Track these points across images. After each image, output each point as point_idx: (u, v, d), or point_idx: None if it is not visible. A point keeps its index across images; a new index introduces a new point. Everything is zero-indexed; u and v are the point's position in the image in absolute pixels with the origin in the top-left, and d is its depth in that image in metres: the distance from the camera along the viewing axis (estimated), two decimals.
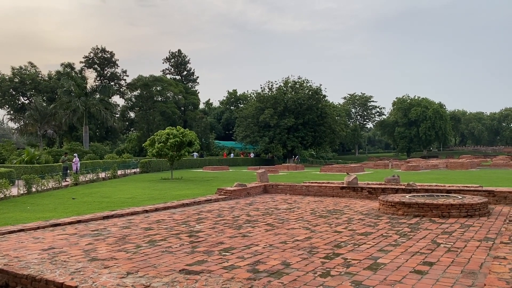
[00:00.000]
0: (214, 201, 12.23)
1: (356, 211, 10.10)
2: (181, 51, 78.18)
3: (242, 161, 58.42)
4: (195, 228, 7.85)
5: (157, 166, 37.71)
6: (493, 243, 6.20)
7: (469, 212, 8.81)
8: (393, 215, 9.22)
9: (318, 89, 65.25)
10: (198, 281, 4.33)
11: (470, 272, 4.74)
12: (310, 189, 14.17)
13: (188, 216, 9.49)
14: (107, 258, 5.53)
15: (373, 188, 13.05)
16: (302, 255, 5.65)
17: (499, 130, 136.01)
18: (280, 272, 4.81)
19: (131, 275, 4.60)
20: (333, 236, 6.95)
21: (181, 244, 6.41)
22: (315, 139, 64.41)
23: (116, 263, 5.22)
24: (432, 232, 7.23)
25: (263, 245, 6.27)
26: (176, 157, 28.05)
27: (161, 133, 27.78)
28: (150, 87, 65.30)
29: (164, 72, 77.86)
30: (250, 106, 65.44)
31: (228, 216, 9.43)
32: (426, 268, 4.92)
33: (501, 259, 4.24)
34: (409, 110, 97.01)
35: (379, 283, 4.37)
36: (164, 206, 10.70)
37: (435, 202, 9.10)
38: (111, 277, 4.48)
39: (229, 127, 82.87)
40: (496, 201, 10.98)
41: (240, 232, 7.43)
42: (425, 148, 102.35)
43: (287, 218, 9.06)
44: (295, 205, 11.30)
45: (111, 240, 6.76)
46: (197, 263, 5.22)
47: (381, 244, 6.28)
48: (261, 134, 61.70)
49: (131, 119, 72.46)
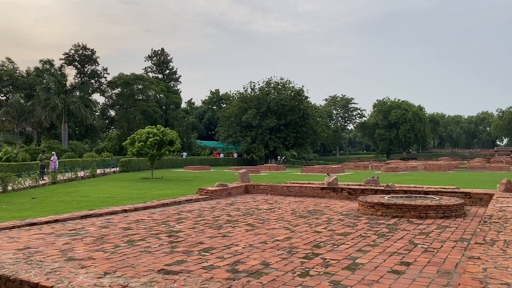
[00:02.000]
0: (194, 201, 12.17)
1: (336, 211, 10.18)
2: (163, 50, 77.59)
3: (224, 161, 58.27)
4: (175, 228, 7.80)
5: (137, 166, 37.31)
6: (468, 244, 6.33)
7: (446, 213, 8.98)
8: (372, 216, 9.33)
9: (300, 90, 65.55)
10: (177, 281, 4.29)
11: (445, 272, 4.83)
12: (291, 189, 14.23)
13: (168, 216, 9.42)
14: (84, 258, 5.45)
15: (353, 189, 13.18)
16: (281, 255, 5.67)
17: (476, 133, 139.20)
18: (259, 272, 4.82)
19: (108, 275, 4.54)
20: (312, 236, 6.99)
21: (160, 244, 6.36)
22: (297, 140, 64.67)
23: (93, 263, 5.15)
24: (410, 232, 7.34)
25: (243, 245, 6.27)
26: (157, 157, 27.79)
27: (141, 132, 27.50)
28: (131, 85, 64.56)
29: (146, 70, 77.12)
30: (233, 106, 65.30)
31: (209, 216, 9.39)
32: (403, 268, 5.00)
33: (475, 259, 4.33)
34: (389, 113, 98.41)
35: (357, 283, 4.42)
36: (144, 206, 10.60)
37: (413, 203, 9.24)
38: (88, 277, 4.41)
39: (211, 127, 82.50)
40: (472, 203, 11.22)
41: (220, 232, 7.41)
42: (405, 150, 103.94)
43: (268, 218, 9.08)
44: (276, 206, 11.33)
45: (89, 240, 6.66)
46: (176, 263, 5.19)
47: (360, 245, 6.35)
48: (244, 134, 61.62)
49: (111, 118, 71.53)
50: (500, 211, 7.92)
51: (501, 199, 9.98)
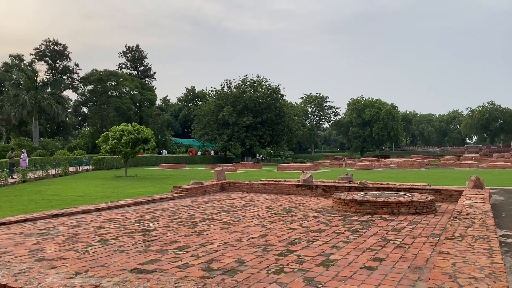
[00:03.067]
0: (169, 200, 12.06)
1: (311, 208, 10.27)
2: (138, 46, 76.57)
3: (200, 159, 57.95)
4: (149, 227, 7.71)
5: (111, 164, 36.71)
6: (439, 239, 6.49)
7: (418, 210, 9.19)
8: (346, 213, 9.46)
9: (276, 88, 65.79)
10: (150, 280, 4.25)
11: (416, 267, 4.94)
12: (267, 187, 14.28)
13: (142, 214, 9.30)
14: (55, 258, 5.33)
15: (328, 186, 13.33)
16: (256, 252, 5.68)
17: (447, 132, 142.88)
18: (234, 269, 4.81)
19: (80, 275, 4.45)
20: (287, 234, 7.03)
21: (134, 243, 6.27)
22: (273, 138, 64.92)
23: (64, 263, 5.03)
24: (383, 229, 7.47)
25: (218, 243, 6.25)
26: (131, 154, 27.40)
27: (115, 129, 27.03)
28: (104, 82, 63.41)
29: (120, 66, 75.90)
30: (209, 104, 65.00)
31: (184, 214, 9.33)
32: (376, 264, 5.08)
33: (445, 254, 4.44)
34: (363, 111, 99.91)
35: (330, 279, 4.47)
36: (117, 205, 10.43)
37: (385, 200, 9.41)
38: (59, 278, 4.31)
39: (187, 124, 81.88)
40: (442, 199, 11.51)
41: (195, 230, 7.37)
42: (378, 147, 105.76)
43: (243, 216, 9.08)
44: (252, 203, 11.34)
45: (60, 239, 6.51)
46: (150, 262, 5.13)
47: (334, 241, 6.42)
48: (220, 132, 61.42)
49: (84, 115, 70.12)
50: (469, 207, 8.15)
51: (470, 195, 10.27)
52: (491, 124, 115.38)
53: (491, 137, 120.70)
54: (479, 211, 7.58)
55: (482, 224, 6.24)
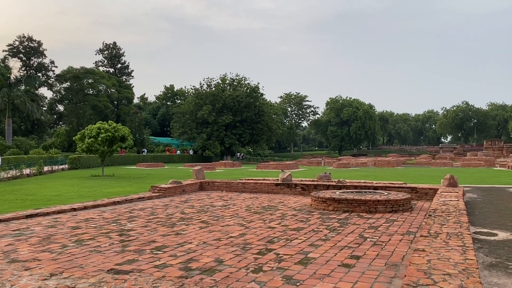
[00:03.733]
0: (147, 199, 11.93)
1: (290, 207, 10.32)
2: (115, 43, 75.52)
3: (179, 158, 57.53)
4: (126, 227, 7.61)
5: (87, 163, 36.09)
6: (414, 237, 6.61)
7: (394, 208, 9.34)
8: (324, 211, 9.54)
9: (256, 87, 65.81)
10: (127, 281, 4.20)
11: (393, 265, 5.02)
12: (246, 186, 14.28)
13: (119, 214, 9.18)
14: (28, 259, 5.20)
15: (306, 184, 13.42)
16: (235, 251, 5.67)
17: (422, 131, 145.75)
18: (213, 269, 4.80)
19: (54, 277, 4.36)
20: (266, 232, 7.04)
21: (110, 243, 6.18)
22: (252, 137, 64.93)
23: (38, 265, 4.92)
24: (360, 226, 7.57)
25: (197, 243, 6.22)
26: (108, 153, 26.99)
27: (92, 128, 26.57)
28: (81, 80, 62.27)
29: (97, 64, 74.68)
30: (188, 102, 64.51)
31: (162, 214, 9.24)
32: (353, 262, 5.14)
33: (421, 251, 4.52)
34: (341, 110, 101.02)
35: (309, 277, 4.50)
36: (94, 204, 10.26)
37: (363, 198, 9.53)
38: (32, 280, 4.22)
39: (165, 123, 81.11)
40: (418, 197, 11.73)
41: (173, 230, 7.31)
42: (356, 146, 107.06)
43: (222, 215, 9.06)
44: (231, 202, 11.32)
45: (34, 240, 6.36)
46: (127, 263, 5.06)
47: (312, 239, 6.47)
48: (199, 131, 61.05)
49: (59, 113, 68.72)
50: (443, 205, 8.33)
51: (444, 193, 10.50)
52: (465, 124, 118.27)
53: (465, 137, 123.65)
54: (453, 208, 7.76)
55: (456, 221, 6.38)
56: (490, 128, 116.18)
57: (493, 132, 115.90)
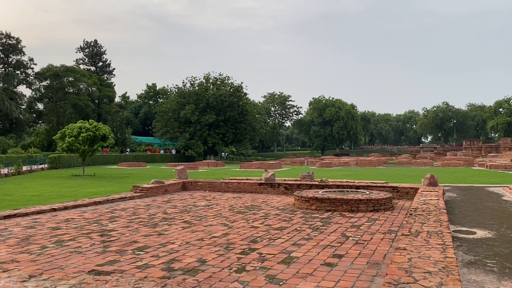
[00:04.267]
0: (129, 199, 11.80)
1: (273, 206, 10.34)
2: (96, 41, 74.46)
3: (161, 158, 57.08)
4: (107, 227, 7.51)
5: (68, 162, 35.55)
6: (396, 235, 6.70)
7: (376, 207, 9.44)
8: (307, 210, 9.59)
9: (239, 86, 65.74)
10: (109, 282, 4.14)
11: (374, 263, 5.07)
12: (229, 185, 14.25)
13: (101, 214, 9.06)
14: (7, 261, 5.09)
15: (289, 184, 13.46)
16: (218, 251, 5.65)
17: (403, 131, 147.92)
18: (195, 269, 4.77)
19: (33, 278, 4.28)
20: (249, 232, 7.04)
21: (91, 244, 6.10)
22: (235, 136, 64.85)
23: (17, 266, 4.82)
24: (342, 225, 7.63)
25: (179, 243, 6.18)
26: (89, 153, 26.61)
27: (72, 127, 26.15)
28: (61, 78, 61.23)
29: (78, 62, 73.60)
30: (171, 101, 64.02)
31: (144, 214, 9.16)
32: (335, 261, 5.18)
33: (402, 250, 4.58)
34: (324, 110, 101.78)
35: (292, 276, 4.51)
36: (74, 204, 10.10)
37: (345, 197, 9.61)
38: (11, 281, 4.13)
39: (147, 122, 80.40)
40: (399, 196, 11.88)
41: (155, 230, 7.24)
42: (338, 146, 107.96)
43: (205, 215, 9.02)
44: (214, 202, 11.29)
45: (12, 241, 6.23)
46: (108, 263, 5.00)
47: (295, 238, 6.49)
48: (182, 130, 60.66)
49: (39, 111, 67.40)
50: (424, 204, 8.46)
51: (425, 192, 10.66)
52: (445, 124, 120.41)
53: (445, 137, 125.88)
54: (434, 207, 7.88)
55: (436, 220, 6.49)
56: (469, 129, 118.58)
57: (472, 133, 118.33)
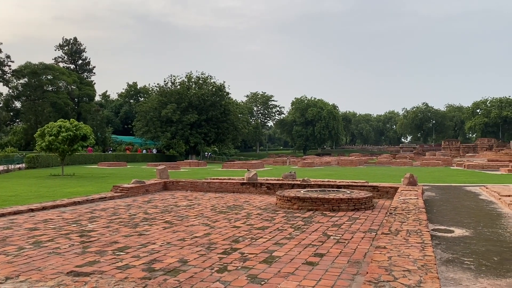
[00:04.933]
0: (109, 199, 11.65)
1: (255, 206, 10.35)
2: (76, 39, 73.28)
3: (142, 157, 56.50)
4: (87, 228, 7.40)
5: (46, 162, 34.89)
6: (376, 234, 6.78)
7: (356, 206, 9.54)
8: (289, 209, 9.62)
9: (221, 86, 65.55)
10: (88, 283, 4.08)
11: (355, 262, 5.12)
12: (211, 185, 14.20)
13: (80, 215, 8.92)
14: None
15: (272, 183, 13.49)
16: (200, 251, 5.63)
17: (384, 131, 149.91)
18: (177, 269, 4.74)
19: (10, 280, 4.18)
20: (231, 232, 7.03)
21: (70, 245, 6.00)
22: (218, 136, 64.63)
23: None
24: (324, 225, 7.68)
25: (160, 243, 6.13)
26: (68, 152, 26.16)
27: (52, 125, 25.65)
28: (39, 76, 60.07)
29: (57, 60, 72.27)
30: (152, 100, 63.41)
31: (124, 214, 9.05)
32: (317, 260, 5.21)
33: (382, 248, 4.64)
34: (306, 110, 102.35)
35: (273, 275, 4.52)
36: (53, 205, 9.92)
37: (326, 196, 9.68)
38: None
39: (128, 121, 79.50)
40: (379, 196, 12.03)
41: (136, 230, 7.17)
42: (320, 146, 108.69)
43: (187, 215, 8.97)
44: (196, 202, 11.23)
45: None
46: (88, 264, 4.92)
47: (277, 238, 6.51)
48: (163, 130, 60.13)
49: (16, 110, 65.96)
50: (403, 203, 8.59)
51: (404, 192, 10.82)
52: (424, 124, 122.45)
53: (424, 137, 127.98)
54: (413, 206, 8.01)
55: (416, 219, 6.59)
56: (448, 129, 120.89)
57: (450, 133, 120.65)
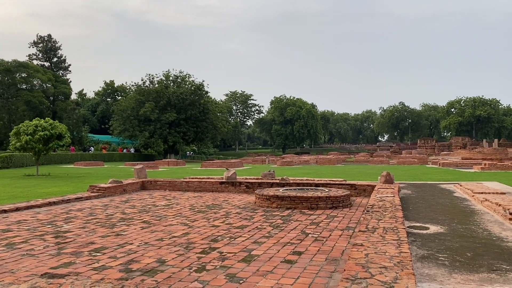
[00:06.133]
0: (85, 199, 11.45)
1: (234, 205, 10.34)
2: (51, 36, 71.60)
3: (119, 157, 55.70)
4: (62, 228, 7.25)
5: (20, 161, 34.05)
6: (353, 232, 6.86)
7: (334, 204, 9.63)
8: (268, 208, 9.65)
9: (200, 84, 65.13)
10: (63, 285, 4.00)
11: (333, 259, 5.17)
12: (190, 184, 14.11)
13: (55, 215, 8.74)
14: None
15: (251, 182, 13.50)
16: (178, 251, 5.59)
17: (361, 130, 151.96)
18: (154, 270, 4.69)
19: None
20: (210, 231, 7.00)
21: (45, 246, 5.87)
22: (197, 135, 64.22)
23: None
24: (302, 223, 7.73)
25: (138, 244, 6.06)
26: (43, 151, 25.58)
27: (28, 124, 25.02)
28: (13, 73, 58.46)
29: (31, 57, 70.49)
30: (129, 99, 62.50)
31: (101, 214, 8.91)
32: (295, 258, 5.24)
33: (359, 246, 4.70)
34: (285, 109, 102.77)
35: (252, 274, 4.53)
36: (27, 205, 9.69)
37: (305, 195, 9.75)
38: None
39: (105, 120, 78.17)
40: (357, 194, 12.18)
41: (113, 231, 7.07)
42: (299, 145, 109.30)
43: (165, 214, 8.89)
44: (174, 201, 11.14)
45: None
46: (63, 266, 4.83)
47: (256, 236, 6.52)
48: (141, 129, 59.37)
49: None
50: (380, 201, 8.71)
51: (381, 190, 10.98)
52: (401, 123, 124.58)
53: (400, 135, 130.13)
54: (390, 204, 8.13)
55: (392, 216, 6.70)
56: (423, 128, 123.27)
57: (426, 132, 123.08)
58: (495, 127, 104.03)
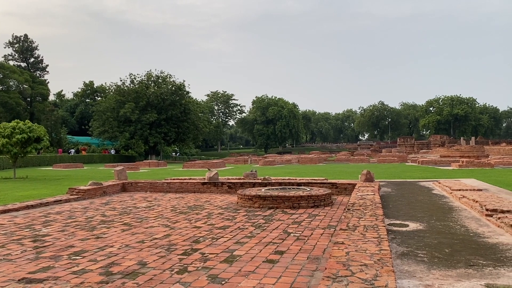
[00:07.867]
0: (64, 202, 11.26)
1: (216, 205, 10.31)
2: (27, 36, 70.19)
3: (99, 158, 54.94)
4: (41, 232, 7.12)
5: None
6: (335, 230, 6.92)
7: (316, 203, 9.70)
8: (250, 208, 9.65)
9: (181, 84, 64.71)
10: None
11: (315, 258, 5.21)
12: (172, 185, 14.01)
13: (33, 219, 8.57)
14: None
15: (233, 182, 13.48)
16: (159, 253, 5.54)
17: (342, 129, 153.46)
18: (135, 272, 4.65)
19: None
20: (192, 232, 6.97)
21: (23, 251, 5.75)
22: (178, 135, 63.77)
23: None
24: (284, 222, 7.76)
25: (119, 246, 5.99)
26: (21, 154, 25.02)
27: (5, 126, 24.42)
28: None
29: (6, 58, 68.96)
30: (109, 100, 61.68)
31: (81, 217, 8.78)
32: (277, 257, 5.26)
33: (340, 244, 4.74)
34: (267, 109, 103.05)
35: (234, 274, 4.52)
36: (4, 209, 9.47)
37: (287, 194, 9.79)
38: None
39: (84, 121, 77.00)
40: (338, 192, 12.29)
41: (93, 233, 6.97)
42: (281, 144, 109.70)
43: (146, 216, 8.81)
44: (155, 203, 11.05)
45: None
46: (41, 270, 4.74)
47: (238, 237, 6.52)
48: (121, 130, 58.64)
49: None
50: (361, 199, 8.81)
51: (362, 188, 11.10)
52: (381, 122, 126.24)
53: (380, 134, 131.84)
54: (370, 202, 8.23)
55: (373, 214, 6.78)
56: (403, 126, 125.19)
57: (405, 130, 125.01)
58: (472, 125, 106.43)
